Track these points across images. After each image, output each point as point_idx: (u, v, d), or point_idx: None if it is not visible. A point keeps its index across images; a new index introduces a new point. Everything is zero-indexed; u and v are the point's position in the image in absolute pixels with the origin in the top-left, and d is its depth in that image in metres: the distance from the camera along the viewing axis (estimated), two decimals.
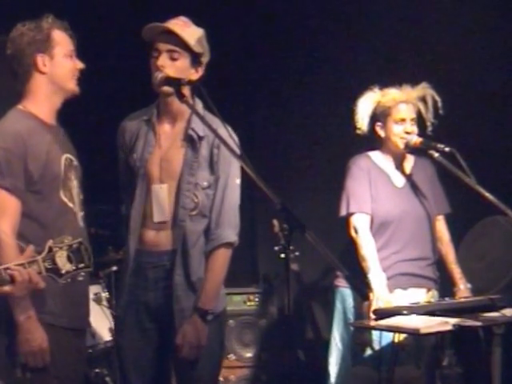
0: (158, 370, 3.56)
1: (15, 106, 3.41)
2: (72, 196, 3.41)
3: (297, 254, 3.79)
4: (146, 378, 3.55)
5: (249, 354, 5.50)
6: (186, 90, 3.43)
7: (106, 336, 4.96)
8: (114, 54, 5.75)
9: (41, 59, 3.34)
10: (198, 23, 3.56)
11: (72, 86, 3.41)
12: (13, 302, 3.10)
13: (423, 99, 4.29)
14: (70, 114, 3.46)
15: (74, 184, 3.44)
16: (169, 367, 3.61)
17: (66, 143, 3.49)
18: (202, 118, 3.34)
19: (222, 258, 3.52)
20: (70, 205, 3.38)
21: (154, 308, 3.52)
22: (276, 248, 4.74)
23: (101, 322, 4.97)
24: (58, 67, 3.37)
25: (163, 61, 3.47)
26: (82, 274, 2.81)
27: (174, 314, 3.46)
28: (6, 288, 2.60)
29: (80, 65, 3.43)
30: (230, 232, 3.52)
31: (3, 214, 3.19)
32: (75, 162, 3.49)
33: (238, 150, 3.21)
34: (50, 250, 2.70)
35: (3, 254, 3.11)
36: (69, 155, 3.44)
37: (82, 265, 2.77)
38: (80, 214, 3.44)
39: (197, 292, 3.48)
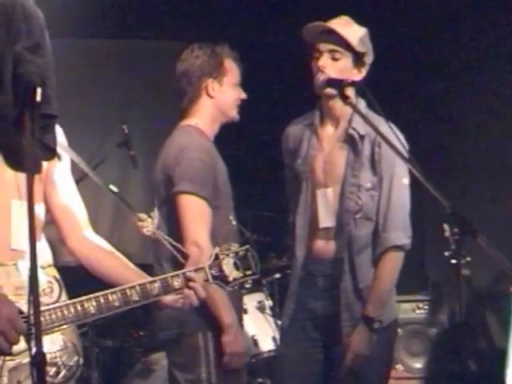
0: (319, 381, 3.48)
1: (185, 121, 3.54)
2: (234, 215, 3.52)
3: (468, 259, 3.63)
4: None
5: (418, 365, 5.35)
6: (350, 92, 3.36)
7: (270, 345, 4.90)
8: (273, 59, 5.76)
9: (211, 84, 3.50)
10: (360, 22, 3.47)
11: (233, 113, 3.55)
12: (217, 305, 3.24)
13: None
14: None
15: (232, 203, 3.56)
16: (331, 379, 3.52)
17: None
18: (364, 118, 3.24)
19: (391, 262, 3.39)
20: (234, 223, 3.50)
21: (321, 317, 3.45)
22: (446, 253, 4.59)
23: (264, 331, 4.92)
24: (224, 94, 3.52)
25: (324, 61, 3.39)
26: (249, 281, 2.76)
27: (341, 323, 3.38)
28: (175, 296, 2.59)
29: (243, 95, 3.57)
30: (399, 234, 3.39)
31: (204, 223, 3.33)
32: None
33: (403, 150, 3.06)
34: (217, 257, 2.67)
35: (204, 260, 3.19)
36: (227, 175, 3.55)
37: (249, 272, 2.72)
38: (235, 227, 3.54)
39: (364, 300, 3.38)
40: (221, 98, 3.51)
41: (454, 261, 2.87)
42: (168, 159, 3.43)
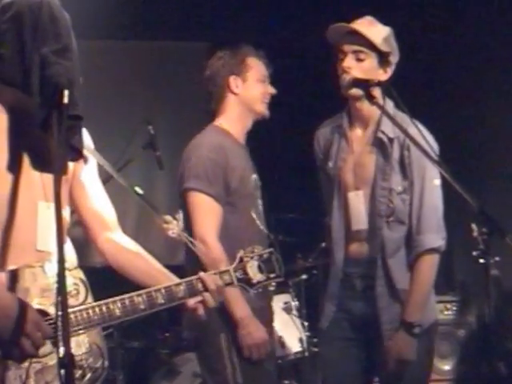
0: (360, 380, 3.47)
1: (212, 123, 3.64)
2: (259, 214, 3.57)
3: (497, 259, 3.58)
4: None
5: (446, 367, 5.30)
6: (376, 92, 3.34)
7: (296, 347, 4.88)
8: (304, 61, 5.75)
9: (234, 81, 3.58)
10: (384, 22, 3.46)
11: (261, 108, 3.61)
12: (229, 301, 3.29)
13: None
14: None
15: (259, 203, 3.62)
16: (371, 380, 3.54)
17: (252, 164, 3.67)
18: (391, 118, 3.21)
19: (427, 265, 3.37)
20: (258, 222, 3.54)
21: (360, 318, 3.43)
22: (474, 253, 4.52)
23: (290, 332, 4.91)
24: (249, 90, 3.59)
25: (349, 62, 3.38)
26: (273, 283, 2.76)
27: (381, 327, 3.37)
28: (198, 297, 2.59)
29: (271, 90, 3.63)
30: (433, 237, 3.37)
31: (210, 220, 3.40)
32: (259, 183, 3.66)
33: (432, 151, 3.03)
34: (241, 260, 2.68)
35: (213, 257, 3.31)
36: (255, 175, 3.63)
37: (273, 274, 2.73)
38: (265, 232, 3.60)
39: (402, 303, 3.36)
40: (245, 93, 3.58)
41: (482, 260, 2.84)
42: (182, 158, 3.56)
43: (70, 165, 2.54)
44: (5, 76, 2.40)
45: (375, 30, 3.40)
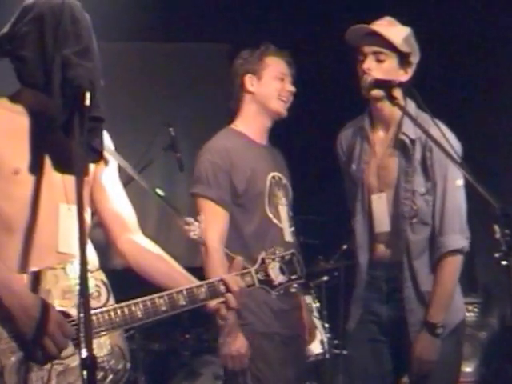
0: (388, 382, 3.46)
1: (227, 126, 3.64)
2: (278, 212, 3.52)
3: None
4: None
5: (468, 369, 5.24)
6: (397, 93, 3.31)
7: (317, 348, 4.87)
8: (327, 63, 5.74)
9: (249, 79, 3.57)
10: (404, 23, 3.43)
11: (276, 105, 3.56)
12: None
13: None
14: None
15: (282, 201, 3.56)
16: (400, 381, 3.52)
17: (275, 162, 3.63)
18: (413, 119, 3.19)
19: (450, 266, 3.35)
20: (275, 221, 3.50)
21: (387, 321, 3.41)
22: (496, 255, 4.49)
23: None
24: (263, 87, 3.56)
25: (369, 63, 3.36)
26: (295, 285, 2.76)
27: (408, 328, 3.34)
28: (222, 299, 2.58)
29: (290, 88, 3.58)
30: (457, 238, 3.34)
31: (211, 223, 3.31)
32: (284, 181, 3.62)
33: (454, 152, 3.01)
34: (263, 261, 2.68)
35: (211, 261, 3.31)
36: (277, 173, 3.58)
37: (294, 276, 2.72)
38: (289, 230, 3.54)
39: (426, 304, 3.34)
40: (260, 90, 3.57)
41: (504, 262, 2.82)
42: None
43: (91, 166, 2.55)
44: (26, 78, 2.41)
45: (395, 31, 3.38)
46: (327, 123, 3.78)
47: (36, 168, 2.42)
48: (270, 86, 3.56)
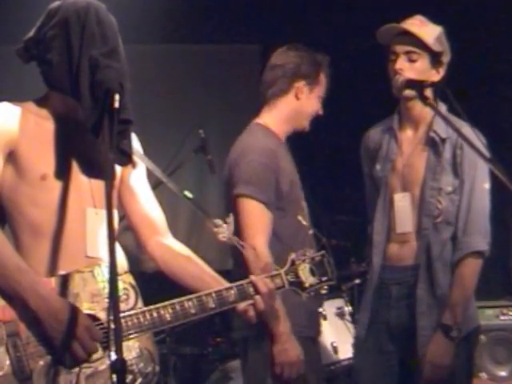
0: None
1: (257, 119, 3.52)
2: (304, 215, 3.46)
3: None
4: None
5: (502, 373, 5.18)
6: (429, 93, 3.28)
7: (349, 352, 4.81)
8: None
9: (303, 87, 3.47)
10: (436, 22, 3.39)
11: (306, 124, 3.52)
12: (269, 314, 3.06)
13: None
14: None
15: (304, 204, 3.51)
16: None
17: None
18: (445, 119, 3.14)
19: (470, 268, 3.28)
20: (304, 223, 3.45)
21: (396, 327, 3.36)
22: None
23: (343, 338, 4.84)
24: (309, 102, 3.48)
25: (401, 63, 3.32)
26: (325, 287, 2.71)
27: (416, 333, 3.28)
28: (251, 301, 2.55)
29: (320, 111, 3.53)
30: (480, 240, 3.28)
31: (261, 228, 3.26)
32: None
33: (485, 152, 2.96)
34: (293, 263, 2.64)
35: (259, 267, 3.14)
36: (298, 176, 3.51)
37: (325, 278, 2.68)
38: (311, 232, 3.48)
39: (441, 308, 3.27)
40: (305, 104, 3.48)
41: None
42: (230, 160, 3.43)
43: (118, 169, 2.54)
44: (53, 82, 2.41)
45: (427, 30, 3.34)
46: (359, 124, 3.73)
47: (63, 173, 2.42)
48: (314, 104, 3.50)
